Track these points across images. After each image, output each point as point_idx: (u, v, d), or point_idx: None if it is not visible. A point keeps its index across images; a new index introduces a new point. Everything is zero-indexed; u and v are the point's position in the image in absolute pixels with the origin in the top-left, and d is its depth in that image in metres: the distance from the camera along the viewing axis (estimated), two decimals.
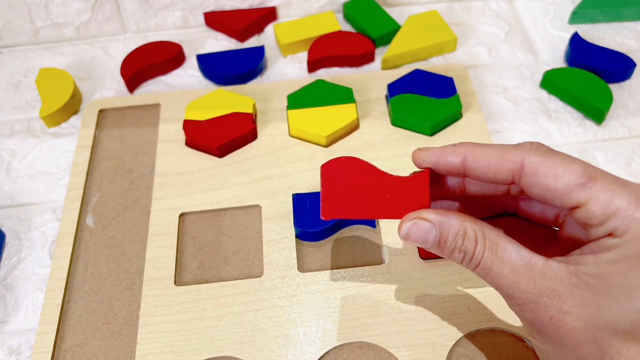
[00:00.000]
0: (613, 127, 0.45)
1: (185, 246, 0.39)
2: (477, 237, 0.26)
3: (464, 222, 0.26)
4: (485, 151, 0.26)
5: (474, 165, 0.26)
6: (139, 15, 0.53)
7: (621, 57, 0.48)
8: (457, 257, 0.26)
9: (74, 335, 0.36)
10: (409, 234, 0.27)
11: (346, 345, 0.35)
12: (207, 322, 0.36)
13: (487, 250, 0.25)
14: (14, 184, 0.44)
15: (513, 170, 0.25)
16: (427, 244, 0.27)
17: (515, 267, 0.25)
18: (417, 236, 0.27)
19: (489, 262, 0.25)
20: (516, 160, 0.25)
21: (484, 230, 0.26)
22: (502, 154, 0.25)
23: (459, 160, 0.27)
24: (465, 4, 0.56)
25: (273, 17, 0.55)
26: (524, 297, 0.25)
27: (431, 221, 0.27)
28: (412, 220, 0.27)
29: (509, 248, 0.25)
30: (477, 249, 0.26)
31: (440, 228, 0.26)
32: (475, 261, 0.26)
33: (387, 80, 0.48)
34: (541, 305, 0.24)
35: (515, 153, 0.25)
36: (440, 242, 0.27)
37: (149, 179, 0.43)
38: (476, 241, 0.26)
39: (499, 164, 0.25)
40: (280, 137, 0.45)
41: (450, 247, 0.26)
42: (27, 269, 0.40)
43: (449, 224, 0.26)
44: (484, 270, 0.26)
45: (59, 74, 0.49)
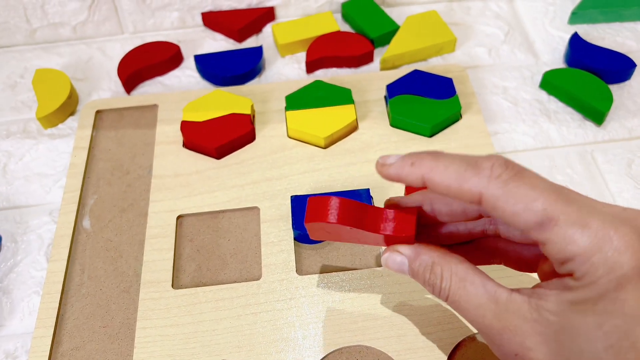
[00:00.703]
0: (613, 128, 0.45)
1: (183, 249, 0.39)
2: (443, 273, 0.26)
3: (432, 258, 0.27)
4: (443, 176, 0.24)
5: (435, 189, 0.25)
6: (136, 16, 0.53)
7: (621, 58, 0.47)
8: (428, 289, 0.28)
9: (71, 339, 0.36)
10: (387, 265, 0.29)
11: (345, 349, 0.34)
12: (205, 326, 0.35)
13: (454, 285, 0.26)
14: (10, 186, 0.44)
15: (473, 200, 0.24)
16: (404, 273, 0.28)
17: (481, 302, 0.25)
18: (394, 267, 0.28)
19: (456, 296, 0.26)
20: (474, 192, 0.24)
21: (452, 265, 0.26)
22: (460, 182, 0.24)
23: (418, 182, 0.26)
24: (465, 4, 0.55)
25: (271, 17, 0.54)
26: (490, 332, 0.25)
27: (403, 254, 0.28)
28: (388, 253, 0.29)
29: (476, 282, 0.26)
30: (443, 283, 0.26)
31: (410, 262, 0.28)
32: (443, 295, 0.27)
33: (386, 81, 0.47)
34: (505, 341, 0.24)
35: (474, 182, 0.24)
36: (412, 274, 0.28)
37: (146, 180, 0.43)
38: (442, 277, 0.26)
39: (458, 193, 0.24)
40: (278, 138, 0.44)
41: (420, 280, 0.28)
42: (23, 272, 0.39)
43: (418, 259, 0.27)
44: (453, 304, 0.26)
45: (56, 74, 0.49)
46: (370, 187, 0.41)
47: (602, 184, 0.42)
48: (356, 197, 0.39)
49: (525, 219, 0.23)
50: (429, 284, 0.27)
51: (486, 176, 0.23)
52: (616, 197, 0.41)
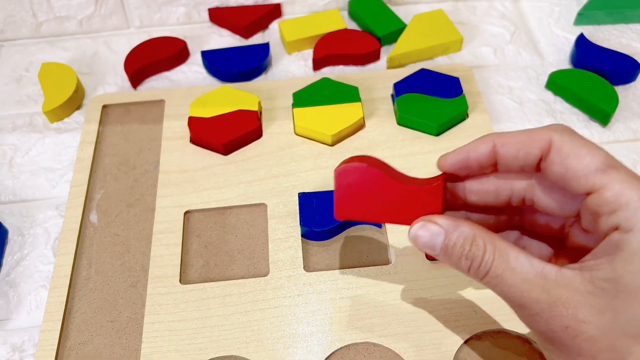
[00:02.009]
0: (618, 129, 0.45)
1: (191, 244, 0.39)
2: (486, 245, 0.25)
3: (473, 229, 0.26)
4: (512, 135, 0.26)
5: (504, 150, 0.26)
6: (142, 10, 0.53)
7: (627, 59, 0.48)
8: (464, 264, 0.26)
9: (79, 333, 0.36)
10: (417, 237, 0.27)
11: (352, 346, 0.34)
12: (213, 321, 0.35)
13: (497, 258, 0.25)
14: (16, 180, 0.44)
15: (543, 148, 0.25)
16: (434, 249, 0.27)
17: (528, 276, 0.24)
18: (424, 239, 0.27)
19: (499, 270, 0.25)
20: (545, 138, 0.25)
21: (494, 239, 0.25)
22: (530, 134, 0.26)
23: (488, 148, 0.26)
24: (470, 4, 0.55)
25: (278, 14, 0.54)
26: (537, 306, 0.24)
27: (440, 225, 0.26)
28: (421, 222, 0.27)
29: (521, 258, 0.25)
30: (485, 255, 0.25)
31: (448, 233, 0.26)
32: (483, 269, 0.25)
33: (392, 79, 0.47)
34: (556, 315, 0.24)
35: (544, 132, 0.25)
36: (447, 247, 0.26)
37: (153, 176, 0.43)
38: (485, 248, 0.25)
39: (528, 143, 0.25)
40: (285, 135, 0.44)
41: (457, 253, 0.26)
42: (30, 265, 0.39)
43: (458, 230, 0.26)
44: (494, 279, 0.25)
45: (62, 68, 0.49)
46: None
47: None
48: None
49: (588, 162, 0.24)
50: (468, 257, 0.26)
51: (555, 128, 0.25)
52: None
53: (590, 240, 0.26)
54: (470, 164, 0.27)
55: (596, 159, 0.24)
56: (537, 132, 0.26)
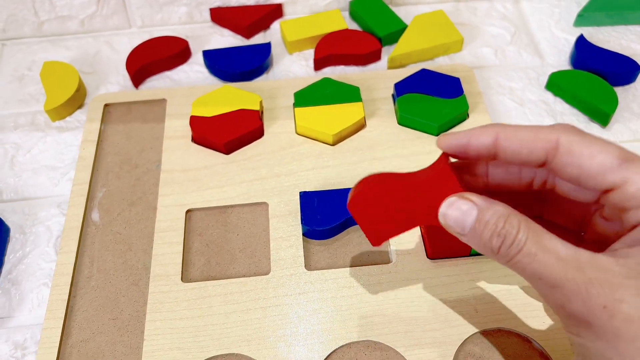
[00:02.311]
0: (618, 130, 0.45)
1: (192, 243, 0.39)
2: (520, 223, 0.24)
3: (507, 208, 0.25)
4: (517, 130, 0.25)
5: (506, 145, 0.25)
6: (144, 10, 0.53)
7: (626, 60, 0.48)
8: (495, 242, 0.24)
9: (80, 331, 0.36)
10: (447, 214, 0.26)
11: (353, 344, 0.35)
12: (214, 319, 0.35)
13: (531, 237, 0.24)
14: (18, 178, 0.44)
15: (547, 149, 0.24)
16: (464, 228, 0.25)
17: (562, 255, 0.23)
18: (455, 216, 0.25)
19: (533, 248, 0.24)
20: (551, 139, 0.24)
21: (528, 220, 0.24)
22: (535, 132, 0.25)
23: (490, 139, 0.26)
24: (471, 5, 0.56)
25: (279, 14, 0.55)
26: (574, 286, 0.23)
27: (473, 202, 0.25)
28: (453, 198, 0.26)
29: (554, 239, 0.24)
30: (520, 234, 0.24)
31: (481, 210, 0.25)
32: (516, 247, 0.24)
33: (393, 79, 0.48)
34: (593, 294, 0.23)
35: (550, 132, 0.24)
36: (478, 224, 0.25)
37: (155, 174, 0.43)
38: (519, 226, 0.24)
39: (533, 142, 0.25)
40: (286, 134, 0.45)
41: (489, 231, 0.25)
42: (32, 263, 0.39)
43: (492, 208, 0.25)
44: (527, 257, 0.24)
45: (64, 67, 0.49)
46: None
47: None
48: None
49: (602, 159, 0.23)
50: (501, 235, 0.24)
51: (561, 127, 0.25)
52: None
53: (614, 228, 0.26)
54: (469, 151, 0.27)
55: (610, 155, 0.23)
56: (543, 131, 0.25)
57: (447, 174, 0.27)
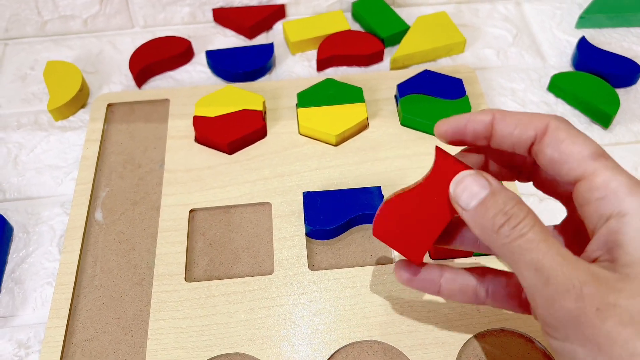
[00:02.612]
0: (619, 131, 0.46)
1: (196, 242, 0.39)
2: (529, 212, 0.25)
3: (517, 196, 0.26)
4: (512, 113, 0.27)
5: (502, 125, 0.27)
6: (147, 10, 0.53)
7: (628, 62, 0.48)
8: (498, 219, 0.25)
9: (84, 330, 0.36)
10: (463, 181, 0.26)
11: (357, 344, 0.35)
12: (218, 319, 0.36)
13: (537, 227, 0.24)
14: (21, 177, 0.44)
15: (537, 130, 0.26)
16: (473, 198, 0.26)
17: (561, 251, 0.23)
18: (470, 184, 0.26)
19: (537, 237, 0.24)
20: (543, 121, 0.26)
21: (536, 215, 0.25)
22: (529, 116, 0.27)
23: (488, 118, 0.27)
24: (473, 6, 0.56)
25: (282, 14, 0.55)
26: (568, 283, 0.23)
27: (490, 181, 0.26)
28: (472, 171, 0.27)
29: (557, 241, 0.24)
30: (526, 219, 0.24)
31: (493, 188, 0.26)
32: (520, 230, 0.24)
33: (396, 80, 0.48)
34: (587, 294, 0.22)
35: (543, 117, 0.26)
36: (488, 198, 0.25)
37: (158, 174, 0.43)
38: (527, 213, 0.25)
39: (526, 123, 0.26)
40: (289, 135, 0.45)
41: (496, 208, 0.25)
42: (35, 262, 0.39)
43: (504, 190, 0.26)
44: (529, 243, 0.24)
45: (67, 67, 0.49)
46: (381, 185, 0.41)
47: None
48: (368, 194, 0.40)
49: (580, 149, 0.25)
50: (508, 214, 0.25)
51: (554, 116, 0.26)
52: None
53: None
54: (466, 132, 0.28)
55: (589, 147, 0.25)
56: (536, 115, 0.27)
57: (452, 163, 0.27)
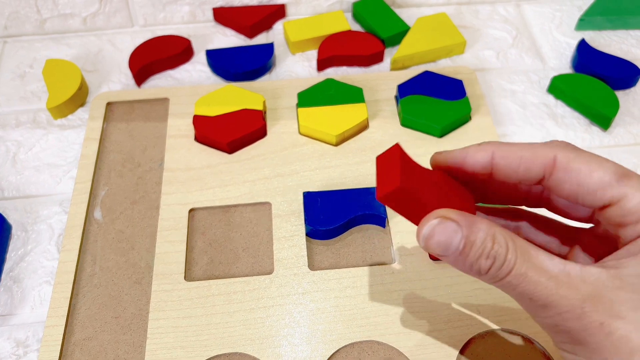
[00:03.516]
0: (619, 133, 0.46)
1: (195, 242, 0.39)
2: (508, 242, 0.23)
3: (492, 227, 0.24)
4: (513, 148, 0.25)
5: (504, 163, 0.25)
6: (147, 9, 0.53)
7: (627, 65, 0.48)
8: (484, 264, 0.23)
9: (83, 329, 0.36)
10: (431, 236, 0.24)
11: (357, 344, 0.35)
12: (217, 318, 0.35)
13: (520, 255, 0.23)
14: (19, 175, 0.44)
15: (545, 166, 0.24)
16: (449, 249, 0.23)
17: (552, 273, 0.23)
18: (441, 237, 0.23)
19: (523, 268, 0.23)
20: (548, 156, 0.24)
21: (514, 237, 0.24)
22: (532, 150, 0.25)
23: (487, 157, 0.25)
24: (473, 8, 0.56)
25: (282, 14, 0.55)
26: (567, 304, 0.22)
27: (457, 222, 0.23)
28: (433, 220, 0.24)
29: (541, 255, 0.23)
30: (509, 253, 0.23)
31: (467, 230, 0.23)
32: (506, 268, 0.23)
33: (396, 81, 0.48)
34: (588, 311, 0.22)
35: (547, 149, 0.24)
36: (466, 245, 0.23)
37: (157, 173, 0.43)
38: (507, 246, 0.23)
39: (530, 159, 0.24)
40: (289, 135, 0.45)
41: (476, 253, 0.23)
42: (33, 261, 0.39)
43: (477, 227, 0.23)
44: (518, 278, 0.23)
45: (66, 65, 0.49)
46: None
47: None
48: (368, 195, 0.40)
49: (600, 175, 0.23)
50: (490, 256, 0.23)
51: (557, 145, 0.25)
52: None
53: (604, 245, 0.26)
54: (465, 168, 0.26)
55: (608, 171, 0.23)
56: (540, 148, 0.25)
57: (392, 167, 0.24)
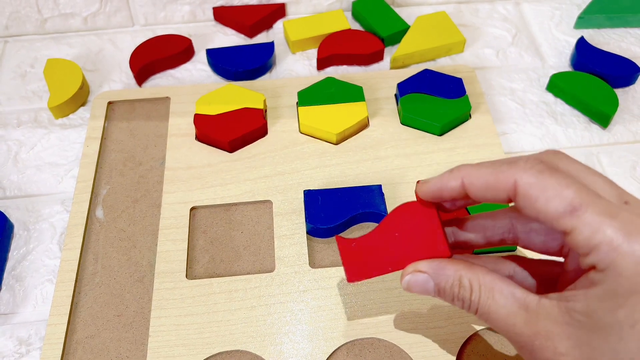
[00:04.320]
0: (618, 131, 0.46)
1: (197, 240, 0.40)
2: (472, 284, 0.26)
3: (457, 271, 0.27)
4: (480, 172, 0.26)
5: (473, 189, 0.26)
6: (147, 8, 0.53)
7: (626, 63, 0.48)
8: (457, 304, 0.27)
9: (85, 327, 0.36)
10: (410, 287, 0.28)
11: (358, 341, 0.35)
12: (219, 316, 0.36)
13: (483, 296, 0.26)
14: (21, 175, 0.44)
15: (508, 191, 0.25)
16: (429, 294, 0.28)
17: (512, 310, 0.25)
18: (417, 288, 0.28)
19: (485, 307, 0.26)
20: (509, 181, 0.25)
21: (479, 276, 0.26)
22: (496, 174, 0.25)
23: (457, 183, 0.27)
24: (473, 6, 0.56)
25: (282, 13, 0.55)
26: (521, 340, 0.25)
27: (427, 272, 0.27)
28: (410, 273, 0.28)
29: (505, 291, 0.25)
30: (472, 296, 0.26)
31: (436, 279, 0.27)
32: (473, 308, 0.26)
33: (396, 79, 0.48)
34: (537, 347, 0.24)
35: (509, 173, 0.25)
36: (438, 292, 0.27)
37: (158, 172, 0.43)
38: (471, 289, 0.26)
39: (493, 185, 0.25)
40: (290, 133, 0.45)
41: (449, 296, 0.27)
42: (36, 260, 0.39)
43: (444, 275, 0.27)
44: (483, 316, 0.26)
45: (67, 64, 0.49)
46: (382, 183, 0.41)
47: None
48: (369, 193, 0.40)
49: (555, 206, 0.23)
50: (459, 299, 0.27)
51: (521, 167, 0.24)
52: None
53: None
54: (444, 196, 0.28)
55: (564, 200, 0.23)
56: (503, 172, 0.25)
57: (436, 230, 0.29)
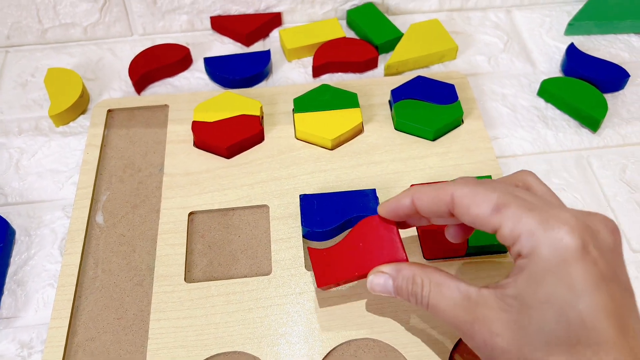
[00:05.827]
0: (608, 135, 0.47)
1: (195, 244, 0.40)
2: (423, 281, 0.30)
3: (412, 271, 0.31)
4: (426, 192, 0.31)
5: (420, 204, 0.31)
6: (146, 18, 0.54)
7: (615, 68, 0.49)
8: (411, 300, 0.31)
9: (86, 330, 0.37)
10: (373, 286, 0.32)
11: (353, 342, 0.36)
12: (217, 319, 0.36)
13: (433, 290, 0.29)
14: (23, 182, 0.45)
15: (447, 204, 0.29)
16: (389, 293, 0.32)
17: (456, 301, 0.28)
18: (379, 287, 0.32)
19: (435, 300, 0.29)
20: (447, 195, 0.29)
21: (429, 274, 0.30)
22: (437, 191, 0.30)
23: (409, 201, 0.31)
24: (465, 14, 0.57)
25: (278, 22, 0.56)
26: (464, 327, 0.28)
27: (387, 273, 0.32)
28: (373, 274, 0.32)
29: (452, 285, 0.29)
30: (424, 290, 0.30)
31: (394, 279, 0.31)
32: (424, 302, 0.30)
33: (390, 86, 0.49)
34: (477, 331, 0.27)
35: (448, 189, 0.29)
36: (396, 289, 0.31)
37: (157, 178, 0.44)
38: (422, 284, 0.30)
39: (435, 200, 0.30)
40: (286, 139, 0.46)
41: (405, 293, 0.31)
42: (37, 265, 0.40)
43: (401, 275, 0.31)
44: (433, 309, 0.29)
45: (67, 73, 0.50)
46: (376, 188, 0.42)
47: (597, 188, 0.44)
48: (363, 197, 0.41)
49: (484, 208, 0.27)
50: (412, 295, 0.30)
51: (458, 183, 0.29)
52: (610, 200, 0.43)
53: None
54: (399, 213, 0.32)
55: (489, 204, 0.27)
56: (443, 189, 0.30)
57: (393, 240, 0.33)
